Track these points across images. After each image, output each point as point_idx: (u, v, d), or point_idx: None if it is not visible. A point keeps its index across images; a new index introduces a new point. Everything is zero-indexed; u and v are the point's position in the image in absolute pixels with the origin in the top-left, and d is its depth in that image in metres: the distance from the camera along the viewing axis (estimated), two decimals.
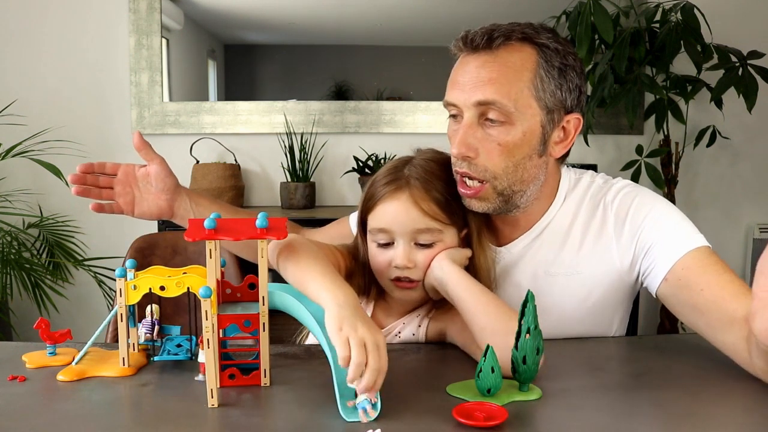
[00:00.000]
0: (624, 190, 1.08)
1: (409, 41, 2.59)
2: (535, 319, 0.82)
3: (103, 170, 1.17)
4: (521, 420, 0.76)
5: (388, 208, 1.01)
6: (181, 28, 2.55)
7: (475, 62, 1.00)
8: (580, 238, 1.07)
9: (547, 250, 1.08)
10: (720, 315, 0.92)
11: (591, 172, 1.14)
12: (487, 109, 0.98)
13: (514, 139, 0.99)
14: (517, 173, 1.01)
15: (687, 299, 0.97)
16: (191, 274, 0.88)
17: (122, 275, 0.87)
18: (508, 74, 0.98)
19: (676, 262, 0.98)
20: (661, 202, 1.06)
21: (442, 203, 1.02)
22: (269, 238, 0.83)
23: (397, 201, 1.00)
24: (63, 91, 2.46)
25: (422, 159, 1.06)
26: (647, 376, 0.90)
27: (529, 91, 0.99)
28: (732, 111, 2.32)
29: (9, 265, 2.14)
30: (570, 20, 2.22)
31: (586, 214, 1.08)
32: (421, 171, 1.03)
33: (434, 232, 1.01)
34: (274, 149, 2.49)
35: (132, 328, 0.92)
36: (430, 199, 1.01)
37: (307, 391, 0.84)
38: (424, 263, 1.01)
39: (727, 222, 2.62)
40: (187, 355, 0.91)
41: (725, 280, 0.95)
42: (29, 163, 2.16)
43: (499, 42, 0.99)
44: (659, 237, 1.02)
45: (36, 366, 0.92)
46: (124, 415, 0.79)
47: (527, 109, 0.99)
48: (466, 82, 1.00)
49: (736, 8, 2.48)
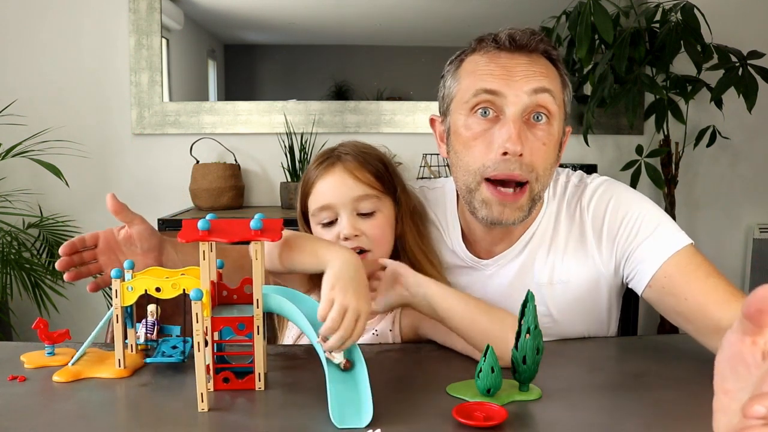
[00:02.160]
0: (598, 191, 1.06)
1: (409, 41, 2.59)
2: (535, 319, 0.82)
3: (84, 245, 1.05)
4: (521, 420, 0.76)
5: (325, 184, 1.05)
6: (181, 28, 2.55)
7: (519, 58, 0.98)
8: (563, 247, 1.06)
9: (534, 260, 1.07)
10: (706, 322, 0.91)
11: (566, 170, 1.13)
12: (538, 102, 0.96)
13: (553, 139, 0.99)
14: (549, 177, 1.02)
15: (672, 306, 0.96)
16: (187, 276, 0.87)
17: (118, 276, 0.86)
18: (552, 74, 1.00)
19: (657, 269, 0.97)
20: (635, 203, 1.03)
21: (375, 173, 1.05)
22: (263, 239, 0.82)
23: (332, 175, 1.05)
24: (63, 91, 2.47)
25: (350, 142, 1.11)
26: (647, 376, 0.90)
27: (562, 93, 1.01)
28: (732, 111, 2.32)
29: (9, 265, 2.14)
30: (570, 20, 2.22)
31: (566, 220, 1.07)
32: (352, 148, 1.08)
33: (373, 200, 1.04)
34: (274, 149, 2.49)
35: (129, 329, 0.91)
36: (364, 168, 1.05)
37: (300, 394, 0.83)
38: (370, 231, 1.03)
39: (727, 222, 2.62)
40: (180, 357, 0.90)
41: (709, 286, 0.93)
42: (29, 163, 2.17)
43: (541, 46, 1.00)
44: (638, 242, 1.00)
45: (34, 366, 0.92)
46: (118, 417, 0.79)
47: (561, 109, 1.01)
48: (513, 74, 0.97)
49: (736, 8, 2.48)
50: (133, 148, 2.51)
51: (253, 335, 0.83)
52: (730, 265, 2.62)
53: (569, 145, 2.53)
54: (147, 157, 2.51)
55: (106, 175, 2.49)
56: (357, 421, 0.74)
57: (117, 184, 2.50)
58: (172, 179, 2.50)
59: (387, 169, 1.08)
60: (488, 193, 0.99)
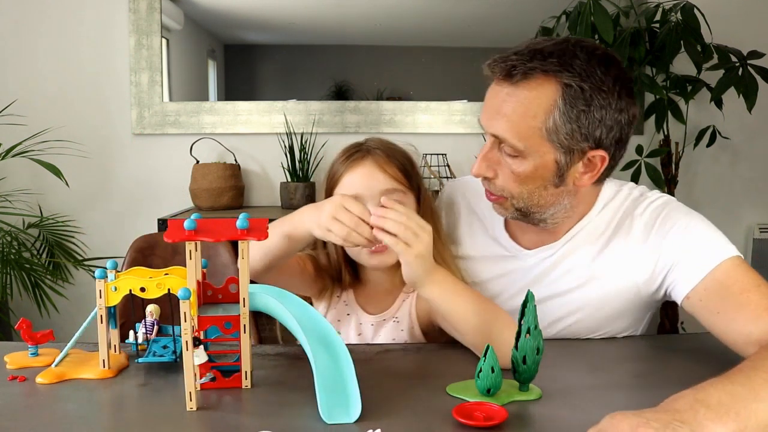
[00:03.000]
0: (656, 203, 1.08)
1: (409, 41, 2.59)
2: (535, 319, 0.82)
3: None
4: (521, 420, 0.76)
5: (354, 176, 1.07)
6: (181, 28, 2.55)
7: (497, 91, 1.00)
8: (604, 244, 1.07)
9: (575, 257, 1.09)
10: (735, 337, 0.92)
11: (631, 184, 1.14)
12: (500, 141, 0.99)
13: (526, 171, 0.99)
14: (533, 199, 1.02)
15: (706, 319, 0.97)
16: (172, 276, 0.86)
17: (102, 276, 0.86)
18: (522, 112, 0.96)
19: (698, 282, 0.98)
20: (689, 217, 1.05)
21: (403, 170, 1.09)
22: (250, 238, 0.82)
23: (362, 167, 1.07)
24: (63, 91, 2.46)
25: (376, 138, 1.14)
26: (647, 376, 0.90)
27: (540, 132, 0.96)
28: (732, 111, 2.31)
29: (9, 265, 2.14)
30: (570, 20, 2.22)
31: (616, 224, 1.08)
32: (379, 143, 1.11)
33: (399, 194, 1.07)
34: (274, 149, 2.49)
35: (113, 330, 0.91)
36: (392, 164, 1.08)
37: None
38: None
39: (727, 222, 2.62)
40: (172, 356, 0.90)
41: (742, 301, 0.93)
42: (29, 163, 2.16)
43: (518, 78, 0.96)
44: (681, 254, 1.01)
45: (17, 367, 0.91)
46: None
47: (539, 147, 0.97)
48: (487, 109, 1.01)
49: (736, 8, 2.48)
50: (133, 148, 2.51)
51: (240, 334, 0.82)
52: None
53: None
54: (147, 157, 2.51)
55: (106, 175, 2.49)
56: (345, 416, 0.74)
57: (117, 184, 2.50)
58: (172, 179, 2.50)
59: (412, 166, 1.12)
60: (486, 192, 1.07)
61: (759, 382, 0.69)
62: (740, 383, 0.68)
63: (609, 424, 0.61)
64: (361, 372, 0.80)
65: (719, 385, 0.67)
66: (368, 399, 0.77)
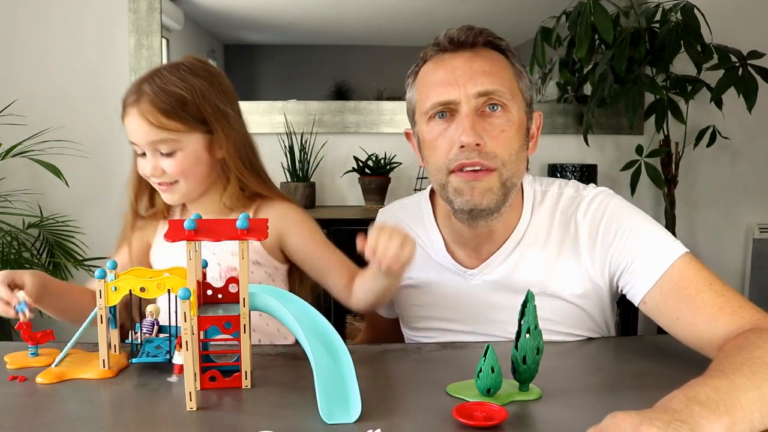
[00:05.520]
0: (594, 201, 1.06)
1: (409, 41, 2.59)
2: (535, 319, 0.82)
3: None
4: (521, 420, 0.76)
5: (128, 123, 1.09)
6: (181, 28, 2.55)
7: (461, 58, 1.02)
8: (555, 257, 1.06)
9: (523, 270, 1.06)
10: (696, 342, 0.93)
11: (559, 181, 1.12)
12: (488, 100, 1.00)
13: (514, 125, 1.01)
14: (518, 162, 1.02)
15: (666, 324, 0.98)
16: (172, 276, 0.87)
17: (102, 276, 0.86)
18: (497, 66, 1.02)
19: (651, 286, 0.97)
20: (632, 216, 1.03)
21: (174, 113, 1.07)
22: (249, 238, 0.81)
23: (131, 116, 1.08)
24: (63, 91, 2.46)
25: (158, 76, 1.09)
26: (647, 376, 0.90)
27: (514, 81, 1.03)
28: (732, 111, 2.31)
29: (9, 265, 2.14)
30: (570, 20, 2.22)
31: (559, 230, 1.07)
32: (155, 86, 1.08)
33: (169, 142, 1.08)
34: (274, 149, 2.48)
35: (113, 330, 0.91)
36: (158, 110, 1.06)
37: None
38: (171, 169, 1.10)
39: (727, 222, 2.62)
40: (165, 356, 0.90)
41: (698, 304, 0.93)
42: (29, 163, 2.16)
43: (471, 46, 1.03)
44: (632, 258, 1.00)
45: (17, 367, 0.91)
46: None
47: (516, 98, 1.03)
48: (458, 77, 1.00)
49: (736, 8, 2.48)
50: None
51: (240, 334, 0.83)
52: (730, 265, 2.62)
53: (570, 145, 2.56)
54: None
55: (106, 175, 2.49)
56: (345, 416, 0.74)
57: (117, 184, 2.48)
58: None
59: (188, 104, 1.09)
60: (456, 180, 1.01)
61: (732, 371, 0.71)
62: (718, 377, 0.70)
63: (610, 423, 0.61)
64: (361, 372, 0.80)
65: (702, 382, 0.69)
66: (368, 399, 0.77)
